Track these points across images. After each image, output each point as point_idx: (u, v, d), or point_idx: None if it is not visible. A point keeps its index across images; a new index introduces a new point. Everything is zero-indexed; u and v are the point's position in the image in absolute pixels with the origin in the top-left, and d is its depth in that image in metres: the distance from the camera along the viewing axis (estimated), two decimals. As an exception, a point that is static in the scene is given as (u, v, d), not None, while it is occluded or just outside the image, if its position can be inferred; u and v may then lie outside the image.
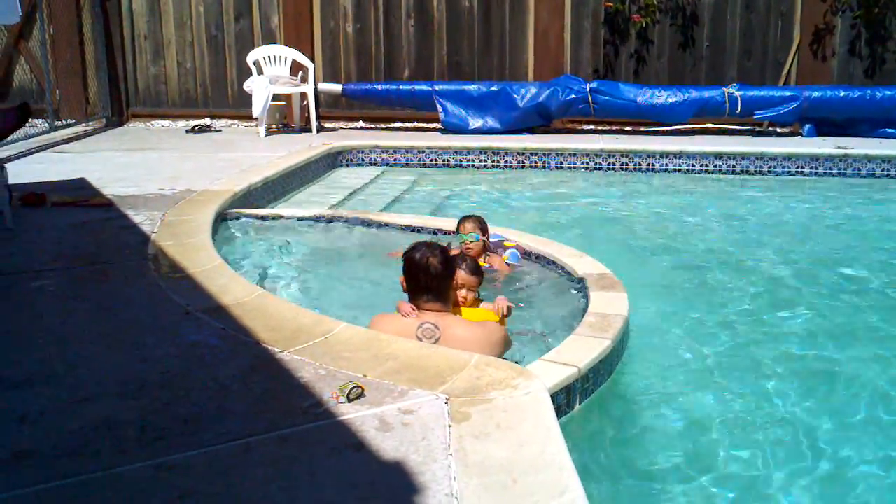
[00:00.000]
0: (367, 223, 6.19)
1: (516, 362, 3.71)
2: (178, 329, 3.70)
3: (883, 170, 9.09)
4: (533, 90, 10.51)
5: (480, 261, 5.23)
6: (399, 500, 2.38)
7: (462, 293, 4.23)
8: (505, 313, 4.11)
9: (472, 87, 10.66)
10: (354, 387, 2.97)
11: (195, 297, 4.07)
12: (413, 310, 3.90)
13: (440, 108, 10.59)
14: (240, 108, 11.57)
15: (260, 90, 10.29)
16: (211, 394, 3.06)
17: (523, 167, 9.58)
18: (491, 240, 5.41)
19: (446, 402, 2.93)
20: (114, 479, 2.50)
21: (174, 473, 2.53)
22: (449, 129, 10.58)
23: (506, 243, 5.48)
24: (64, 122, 10.82)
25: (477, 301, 4.33)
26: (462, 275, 4.22)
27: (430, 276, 3.89)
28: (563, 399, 3.41)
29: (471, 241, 5.25)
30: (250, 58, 10.76)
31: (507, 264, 5.32)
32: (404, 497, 2.38)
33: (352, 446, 2.66)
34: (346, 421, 2.81)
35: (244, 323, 3.71)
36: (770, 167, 9.25)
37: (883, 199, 8.42)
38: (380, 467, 2.54)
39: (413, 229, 6.01)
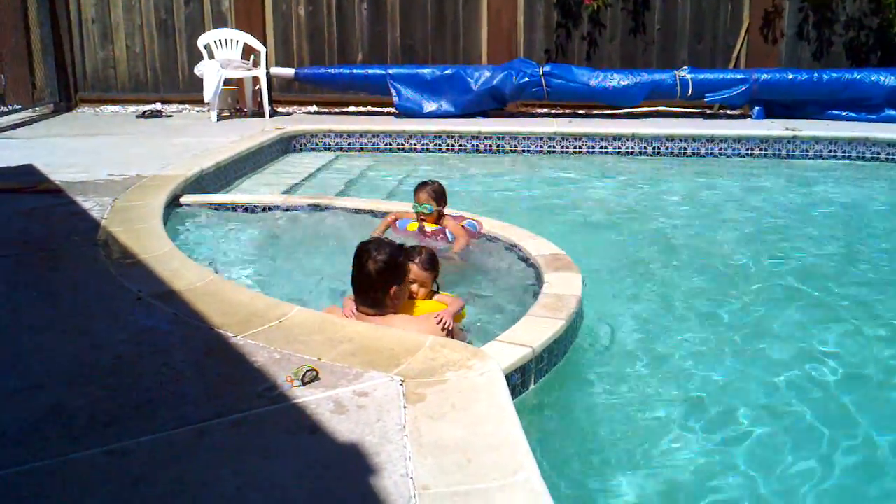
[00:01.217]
0: (321, 208, 6.16)
1: (470, 342, 3.73)
2: (129, 315, 3.65)
3: (830, 151, 9.26)
4: (487, 74, 10.52)
5: (429, 223, 5.26)
6: (354, 481, 2.38)
7: (413, 287, 4.06)
8: (447, 327, 3.71)
9: (426, 71, 10.63)
10: (309, 370, 2.96)
11: (147, 283, 4.02)
12: (352, 312, 3.79)
13: (394, 92, 10.55)
14: (191, 92, 11.41)
15: (211, 74, 10.16)
16: (164, 379, 3.03)
17: (478, 151, 9.60)
18: (451, 216, 5.42)
19: (401, 384, 2.94)
20: (65, 466, 2.47)
21: (126, 459, 2.51)
22: (403, 113, 10.55)
23: (465, 216, 5.50)
24: (10, 108, 10.60)
25: (431, 294, 4.17)
26: (415, 269, 4.06)
27: (362, 279, 3.72)
28: (518, 379, 3.44)
29: (425, 213, 5.26)
30: (201, 41, 10.62)
31: (466, 229, 5.32)
32: (359, 478, 2.38)
33: (307, 429, 2.66)
34: (301, 404, 2.80)
35: (197, 308, 3.67)
36: (721, 149, 9.37)
37: (828, 180, 8.58)
38: (335, 449, 2.54)
39: (367, 213, 6.00)
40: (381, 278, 3.72)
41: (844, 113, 10.24)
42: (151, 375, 3.06)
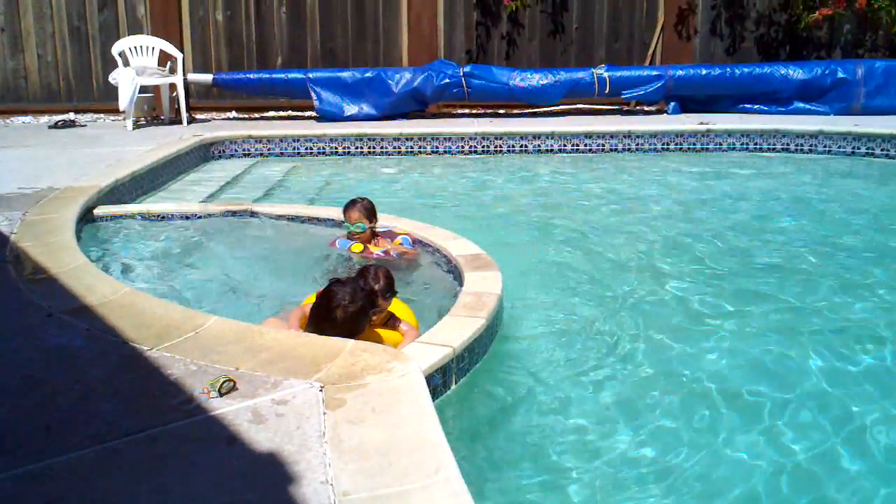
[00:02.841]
0: (240, 214, 6.08)
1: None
2: (39, 332, 3.55)
3: (742, 143, 9.52)
4: (407, 75, 10.53)
5: (372, 245, 5.24)
6: (273, 490, 2.36)
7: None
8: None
9: (346, 74, 10.59)
10: (226, 380, 2.92)
11: (58, 299, 3.92)
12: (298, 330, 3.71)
13: (314, 96, 10.49)
14: (106, 101, 11.18)
15: (126, 82, 9.94)
16: (76, 397, 2.96)
17: (399, 153, 9.60)
18: (381, 230, 5.41)
19: (321, 390, 2.92)
20: (-29, 491, 2.39)
21: (38, 482, 2.44)
22: (324, 116, 10.49)
23: (396, 230, 5.47)
24: (-86, 122, 10.25)
25: (385, 317, 4.03)
26: (380, 303, 3.92)
27: (327, 322, 3.58)
28: (439, 379, 3.44)
29: (357, 232, 5.24)
30: (115, 49, 10.39)
31: (403, 247, 5.32)
32: (279, 487, 2.36)
33: (224, 440, 2.62)
34: (219, 416, 2.76)
35: (111, 322, 3.59)
36: (638, 144, 9.55)
37: (739, 172, 8.80)
38: (254, 460, 2.51)
39: (287, 218, 5.95)
40: (348, 326, 3.58)
41: (756, 106, 10.56)
42: (63, 394, 2.98)
